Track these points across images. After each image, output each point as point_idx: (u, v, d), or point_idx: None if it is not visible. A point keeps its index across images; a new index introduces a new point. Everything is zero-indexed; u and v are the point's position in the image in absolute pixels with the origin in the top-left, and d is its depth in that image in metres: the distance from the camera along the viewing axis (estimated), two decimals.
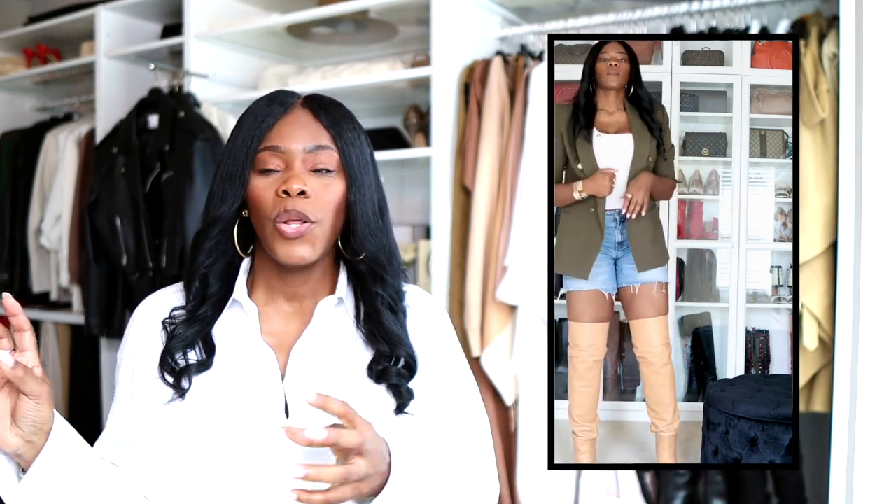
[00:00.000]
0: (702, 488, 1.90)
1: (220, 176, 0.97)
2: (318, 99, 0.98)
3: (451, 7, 2.15)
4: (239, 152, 0.95)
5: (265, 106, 0.96)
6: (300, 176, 0.93)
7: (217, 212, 0.96)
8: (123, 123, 2.62)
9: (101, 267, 2.63)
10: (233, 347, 0.97)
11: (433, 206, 2.17)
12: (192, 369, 0.94)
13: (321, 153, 0.94)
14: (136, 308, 1.04)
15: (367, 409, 0.93)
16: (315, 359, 0.96)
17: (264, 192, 0.93)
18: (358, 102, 2.63)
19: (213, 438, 0.91)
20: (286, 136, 0.94)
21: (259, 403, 0.93)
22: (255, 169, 0.94)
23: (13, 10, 3.59)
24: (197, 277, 0.98)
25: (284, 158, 0.94)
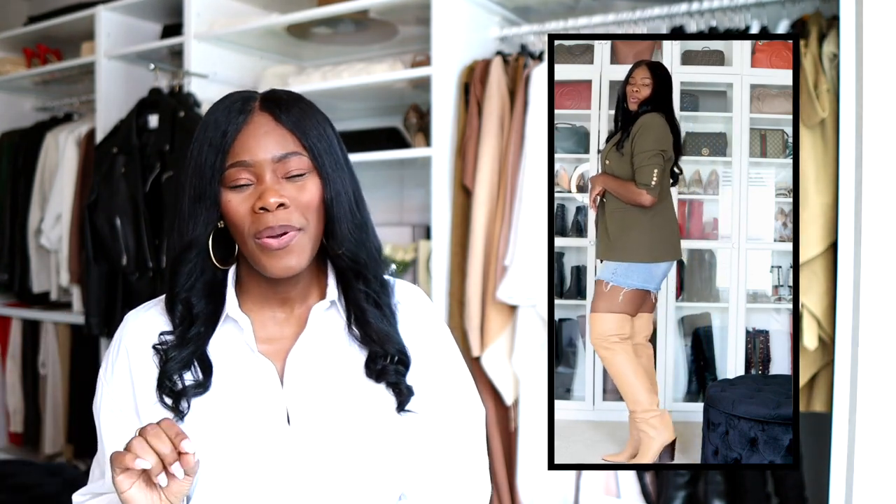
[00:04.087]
0: (702, 488, 1.90)
1: (188, 195, 0.93)
2: (276, 99, 0.94)
3: (451, 7, 2.15)
4: (204, 169, 0.91)
5: (223, 115, 0.92)
6: (273, 188, 0.89)
7: (192, 235, 0.92)
8: (123, 123, 2.62)
9: (101, 267, 2.63)
10: (230, 364, 0.94)
11: (433, 206, 2.17)
12: (189, 391, 0.92)
13: (291, 160, 0.91)
14: (117, 332, 1.00)
15: (369, 410, 0.93)
16: (312, 364, 0.95)
17: (239, 208, 0.91)
18: (358, 102, 2.63)
19: (217, 456, 0.90)
20: (251, 148, 0.90)
21: (260, 415, 0.92)
22: (225, 185, 0.91)
23: (13, 10, 3.59)
24: (179, 302, 0.94)
25: (254, 171, 0.90)
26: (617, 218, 1.25)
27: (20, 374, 3.28)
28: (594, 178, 1.27)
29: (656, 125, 1.23)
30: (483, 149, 2.07)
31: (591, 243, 1.33)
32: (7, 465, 2.65)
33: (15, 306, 3.29)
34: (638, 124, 1.23)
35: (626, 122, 1.24)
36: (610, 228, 1.25)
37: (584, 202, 1.38)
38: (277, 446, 0.90)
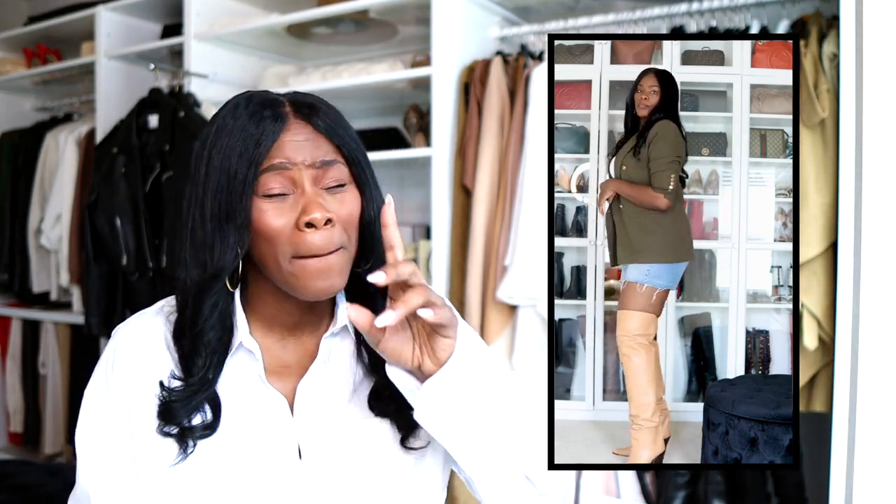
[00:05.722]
0: (702, 488, 1.90)
1: (211, 214, 0.80)
2: (310, 105, 0.84)
3: (451, 7, 2.15)
4: (234, 184, 0.78)
5: (252, 121, 0.80)
6: (318, 201, 0.79)
7: (220, 261, 0.80)
8: (123, 123, 2.62)
9: (101, 267, 2.63)
10: (239, 397, 0.86)
11: (433, 206, 2.17)
12: (196, 431, 0.83)
13: (331, 168, 0.82)
14: (108, 347, 0.89)
15: (378, 444, 0.88)
16: (323, 395, 0.88)
17: (275, 222, 0.79)
18: (358, 102, 2.63)
19: (226, 494, 0.84)
20: (287, 151, 0.80)
21: (271, 450, 0.85)
22: (255, 194, 0.80)
23: (13, 10, 3.59)
24: (202, 345, 0.82)
25: (290, 177, 0.80)
26: (636, 221, 1.26)
27: (20, 374, 3.28)
28: (605, 183, 1.27)
29: (672, 132, 1.25)
30: (483, 149, 2.08)
31: (600, 245, 1.34)
32: (7, 465, 2.65)
33: (15, 306, 3.29)
34: (654, 131, 1.25)
35: (640, 129, 1.25)
36: (630, 232, 1.26)
37: (584, 202, 1.38)
38: (289, 481, 0.85)
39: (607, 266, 1.34)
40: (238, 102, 0.84)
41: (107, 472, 0.86)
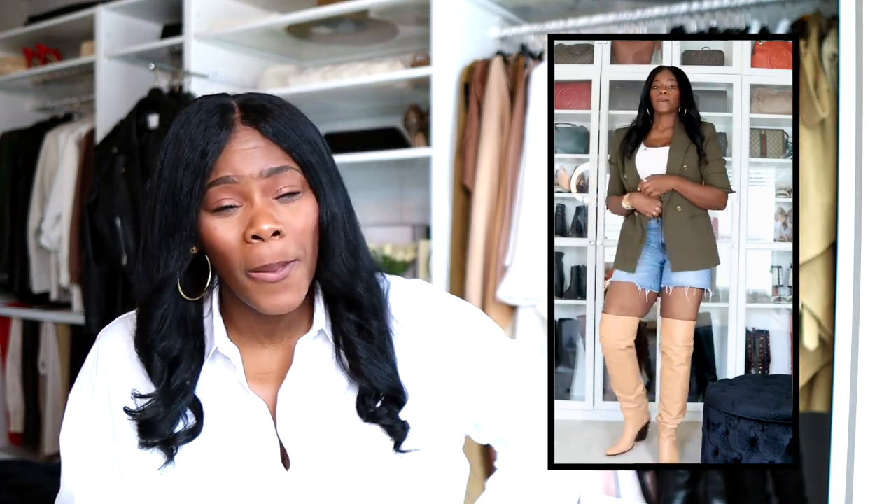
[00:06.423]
0: (702, 488, 1.90)
1: (159, 226, 0.79)
2: (259, 108, 0.81)
3: (451, 7, 2.15)
4: (180, 197, 0.77)
5: (199, 130, 0.78)
6: (266, 212, 0.77)
7: (164, 273, 0.79)
8: (123, 123, 2.62)
9: (101, 267, 2.63)
10: (220, 404, 0.85)
11: (433, 206, 2.17)
12: (180, 438, 0.83)
13: (282, 175, 0.79)
14: (91, 354, 0.90)
15: (366, 450, 0.86)
16: (304, 400, 0.86)
17: (226, 237, 0.78)
18: (358, 102, 2.64)
19: (214, 500, 0.83)
20: (234, 162, 0.78)
21: (255, 458, 0.84)
22: (205, 209, 0.78)
23: (13, 10, 3.59)
24: (156, 354, 0.82)
25: (239, 190, 0.78)
26: (691, 224, 1.24)
27: (20, 374, 3.28)
28: (661, 179, 1.22)
29: (715, 131, 1.25)
30: (483, 149, 2.07)
31: (600, 245, 1.33)
32: (7, 465, 2.65)
33: (15, 306, 3.29)
34: (708, 130, 1.25)
35: (685, 126, 1.25)
36: (686, 235, 1.25)
37: (584, 202, 1.38)
38: (276, 488, 0.84)
39: (607, 266, 1.34)
40: (190, 110, 0.81)
41: (91, 475, 0.86)
